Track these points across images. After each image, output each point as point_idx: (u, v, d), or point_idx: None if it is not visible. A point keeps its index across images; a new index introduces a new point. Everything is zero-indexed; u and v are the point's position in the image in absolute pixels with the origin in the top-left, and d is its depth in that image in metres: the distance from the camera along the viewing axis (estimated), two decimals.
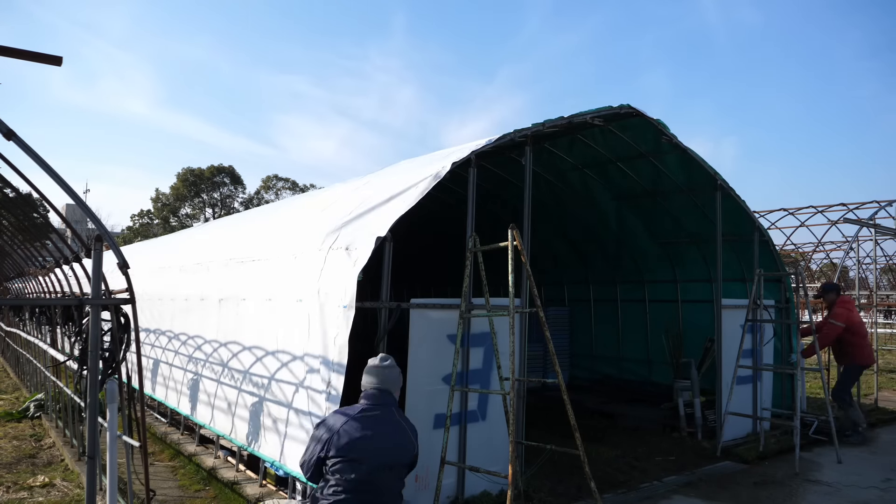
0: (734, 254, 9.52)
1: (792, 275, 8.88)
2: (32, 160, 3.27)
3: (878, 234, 11.15)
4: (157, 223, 52.25)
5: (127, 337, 4.35)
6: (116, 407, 4.11)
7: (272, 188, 54.72)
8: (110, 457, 3.97)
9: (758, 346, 8.46)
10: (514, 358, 5.07)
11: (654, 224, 10.14)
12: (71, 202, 3.57)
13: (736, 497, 6.20)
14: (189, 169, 52.64)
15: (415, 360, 5.44)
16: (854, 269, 20.79)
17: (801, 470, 7.01)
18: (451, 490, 5.63)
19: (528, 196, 6.29)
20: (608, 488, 6.31)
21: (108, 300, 3.97)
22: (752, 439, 8.21)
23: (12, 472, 6.63)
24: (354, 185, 8.07)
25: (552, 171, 9.18)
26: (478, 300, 5.72)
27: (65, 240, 6.88)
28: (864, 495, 6.27)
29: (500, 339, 5.75)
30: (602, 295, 12.09)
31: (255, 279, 7.04)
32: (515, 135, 6.05)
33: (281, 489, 5.88)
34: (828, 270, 25.49)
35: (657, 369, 11.24)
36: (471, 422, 5.76)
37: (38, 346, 8.66)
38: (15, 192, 4.86)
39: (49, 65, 3.33)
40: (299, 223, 7.92)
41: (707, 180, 8.33)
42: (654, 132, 7.49)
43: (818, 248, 18.04)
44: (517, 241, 5.22)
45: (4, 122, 3.23)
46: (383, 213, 5.40)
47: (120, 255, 3.88)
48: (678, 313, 10.76)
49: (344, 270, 5.16)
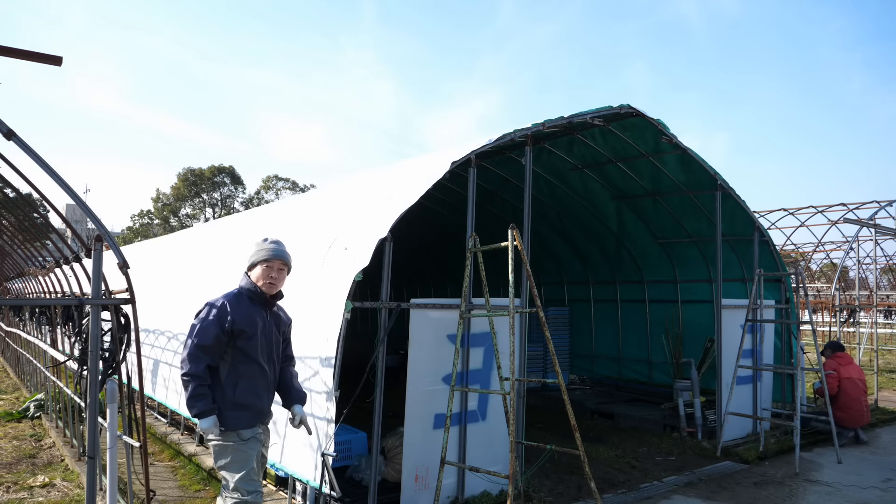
0: (734, 254, 9.53)
1: (792, 275, 8.88)
2: (32, 160, 3.27)
3: (878, 234, 11.15)
4: (158, 223, 52.27)
5: (127, 337, 4.35)
6: (116, 407, 4.11)
7: (272, 188, 54.75)
8: (110, 457, 3.97)
9: (758, 346, 8.46)
10: (514, 358, 5.07)
11: (654, 224, 10.14)
12: (71, 202, 3.57)
13: (736, 497, 6.20)
14: (189, 169, 52.69)
15: (415, 360, 5.44)
16: (854, 269, 20.80)
17: (801, 470, 7.01)
18: (452, 490, 5.63)
19: (528, 196, 6.29)
20: (608, 488, 6.31)
21: (109, 300, 3.97)
22: (752, 439, 8.21)
23: (12, 472, 6.63)
24: (354, 185, 8.07)
25: (552, 171, 9.18)
26: (478, 300, 5.72)
27: (65, 240, 6.89)
28: (864, 495, 6.27)
29: (500, 339, 5.75)
30: (602, 295, 12.09)
31: None
32: (515, 134, 6.05)
33: (281, 489, 5.88)
34: (828, 270, 25.51)
35: (657, 369, 11.25)
36: (471, 422, 5.76)
37: (38, 346, 8.66)
38: (15, 192, 4.86)
39: (49, 64, 3.33)
40: (299, 223, 7.92)
41: (707, 180, 8.33)
42: (654, 132, 7.50)
43: (818, 248, 18.03)
44: (517, 241, 5.22)
45: (4, 122, 3.23)
46: (383, 214, 5.40)
47: (120, 255, 3.88)
48: (678, 313, 10.76)
49: (343, 271, 5.16)
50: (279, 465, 5.40)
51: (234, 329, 3.77)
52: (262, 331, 3.90)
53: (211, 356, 3.75)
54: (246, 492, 3.70)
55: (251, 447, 3.81)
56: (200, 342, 3.72)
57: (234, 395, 3.79)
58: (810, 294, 22.64)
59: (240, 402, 3.79)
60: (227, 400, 3.77)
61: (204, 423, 3.69)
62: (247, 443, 3.79)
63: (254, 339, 3.84)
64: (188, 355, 3.72)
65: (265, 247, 3.98)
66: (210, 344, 3.72)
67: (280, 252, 3.98)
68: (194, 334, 3.75)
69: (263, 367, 3.91)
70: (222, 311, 3.79)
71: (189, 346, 3.74)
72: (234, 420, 3.76)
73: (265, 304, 3.97)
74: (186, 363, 3.72)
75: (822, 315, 21.86)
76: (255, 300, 3.93)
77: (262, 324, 3.91)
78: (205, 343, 3.72)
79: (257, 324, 3.88)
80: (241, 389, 3.81)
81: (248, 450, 3.78)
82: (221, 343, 3.77)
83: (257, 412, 3.89)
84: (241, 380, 3.82)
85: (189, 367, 3.70)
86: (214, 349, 3.75)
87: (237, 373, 3.82)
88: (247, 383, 3.84)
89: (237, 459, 3.75)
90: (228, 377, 3.81)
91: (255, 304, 3.93)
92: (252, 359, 3.85)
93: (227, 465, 3.76)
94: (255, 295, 3.92)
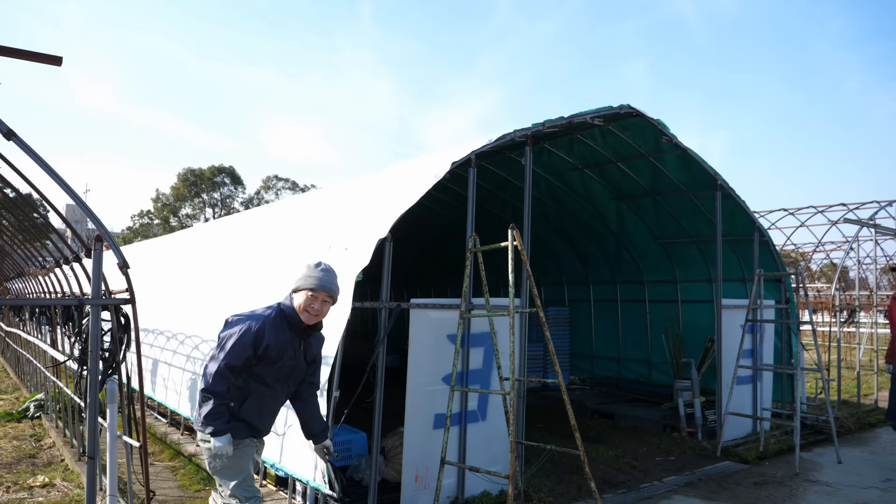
0: (734, 254, 9.53)
1: (792, 275, 8.88)
2: (32, 160, 3.27)
3: (878, 234, 11.15)
4: (158, 223, 52.27)
5: (127, 337, 4.35)
6: (116, 407, 4.10)
7: (272, 188, 54.77)
8: (110, 457, 3.96)
9: (758, 346, 8.46)
10: (514, 358, 5.07)
11: (654, 224, 10.14)
12: (71, 202, 3.57)
13: (736, 497, 6.20)
14: (189, 169, 52.70)
15: (415, 360, 5.44)
16: (854, 269, 20.79)
17: (801, 470, 7.01)
18: (452, 490, 5.63)
19: (528, 196, 6.29)
20: (608, 488, 6.31)
21: (108, 300, 3.97)
22: (752, 439, 8.21)
23: (12, 472, 6.63)
24: (354, 186, 8.07)
25: (552, 171, 9.18)
26: (478, 300, 5.72)
27: (65, 240, 6.89)
28: (864, 495, 6.27)
29: (500, 340, 5.75)
30: (602, 295, 12.09)
31: (254, 279, 7.04)
32: (515, 135, 6.05)
33: (281, 489, 5.88)
34: (828, 270, 25.50)
35: (657, 369, 11.25)
36: (471, 422, 5.76)
37: (38, 346, 8.66)
38: (15, 192, 4.86)
39: (49, 65, 3.33)
40: (299, 224, 7.92)
41: (707, 180, 8.33)
42: (654, 132, 7.50)
43: (818, 248, 18.02)
44: (517, 241, 5.22)
45: (4, 122, 3.23)
46: (383, 214, 5.40)
47: (120, 255, 3.88)
48: (678, 313, 10.76)
49: (344, 271, 5.16)
50: (279, 465, 5.40)
51: (263, 354, 3.65)
52: (289, 357, 3.77)
53: (236, 376, 3.64)
54: (244, 498, 3.65)
55: (245, 452, 3.73)
56: (231, 362, 3.58)
57: (239, 409, 3.69)
58: (810, 294, 22.64)
59: (242, 417, 3.71)
60: (230, 412, 3.68)
61: (219, 441, 3.56)
62: (239, 447, 3.70)
63: (277, 364, 3.72)
64: (217, 372, 3.58)
65: (314, 274, 3.75)
66: (240, 365, 3.60)
67: (328, 284, 3.74)
68: (226, 351, 3.60)
69: (276, 389, 3.81)
70: (259, 334, 3.62)
71: (219, 362, 3.59)
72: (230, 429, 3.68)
73: (301, 333, 3.81)
74: (212, 380, 3.58)
75: (822, 315, 21.85)
76: (293, 326, 3.76)
77: (292, 352, 3.78)
78: (235, 363, 3.59)
79: (287, 352, 3.74)
80: (247, 406, 3.72)
81: (241, 455, 3.71)
82: (250, 365, 3.65)
83: (255, 430, 3.81)
84: (250, 397, 3.73)
85: (214, 384, 3.57)
86: (242, 370, 3.64)
87: (248, 389, 3.72)
88: (254, 402, 3.74)
89: (231, 465, 3.67)
90: (238, 392, 3.70)
91: (292, 329, 3.76)
92: (267, 382, 3.75)
93: (221, 472, 3.69)
94: (293, 321, 3.74)
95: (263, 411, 3.80)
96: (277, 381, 3.79)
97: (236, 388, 3.69)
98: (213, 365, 3.62)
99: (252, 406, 3.74)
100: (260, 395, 3.76)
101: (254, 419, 3.76)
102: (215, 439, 3.57)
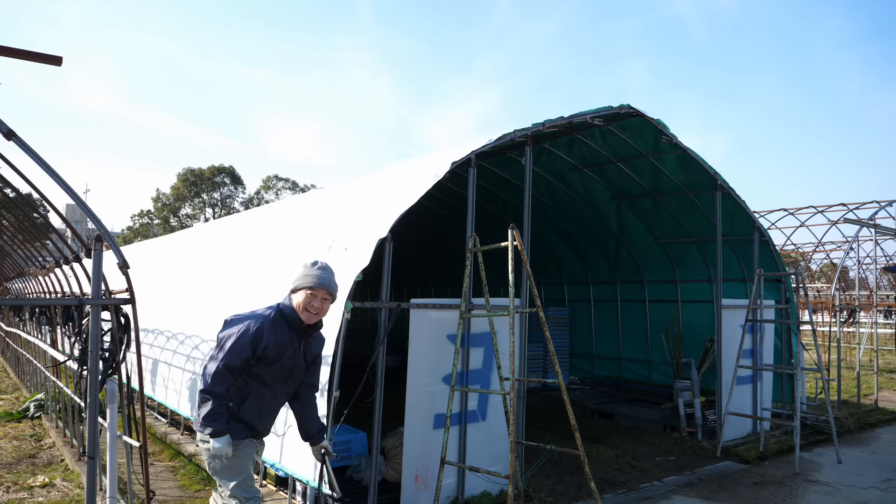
0: (734, 254, 9.53)
1: (792, 275, 8.88)
2: (32, 160, 3.27)
3: (878, 234, 11.15)
4: (158, 223, 52.27)
5: (127, 337, 4.35)
6: (116, 407, 4.10)
7: (272, 188, 54.75)
8: (110, 457, 3.96)
9: (758, 347, 8.46)
10: (514, 358, 5.07)
11: (654, 224, 10.14)
12: (71, 202, 3.57)
13: (736, 497, 6.20)
14: (189, 169, 52.68)
15: (415, 360, 5.44)
16: (854, 269, 20.80)
17: (801, 470, 7.01)
18: (452, 490, 5.63)
19: (528, 196, 6.29)
20: (608, 488, 6.32)
21: (108, 300, 3.97)
22: (752, 439, 8.21)
23: (12, 472, 6.63)
24: (354, 186, 8.07)
25: (552, 171, 9.18)
26: (478, 300, 5.72)
27: (65, 240, 6.88)
28: (864, 495, 6.28)
29: (500, 340, 5.75)
30: (602, 295, 12.09)
31: (254, 279, 7.04)
32: (515, 134, 6.05)
33: (281, 489, 5.88)
34: (828, 270, 25.50)
35: (657, 369, 11.25)
36: (471, 422, 5.76)
37: (38, 346, 8.66)
38: (15, 192, 4.86)
39: (50, 65, 3.33)
40: (299, 224, 7.92)
41: (707, 180, 8.33)
42: (654, 132, 7.50)
43: (818, 248, 18.02)
44: (517, 241, 5.23)
45: (4, 122, 3.23)
46: (383, 214, 5.40)
47: (120, 255, 3.88)
48: (678, 313, 10.77)
49: (343, 271, 5.16)
50: (279, 465, 5.40)
51: (262, 354, 3.64)
52: (288, 357, 3.75)
53: (235, 376, 3.63)
54: (244, 498, 3.64)
55: (245, 453, 3.72)
56: (230, 363, 3.57)
57: (238, 410, 3.69)
58: (810, 294, 22.64)
59: (241, 417, 3.70)
60: (230, 412, 3.67)
61: (218, 442, 3.55)
62: (239, 448, 3.69)
63: (276, 365, 3.71)
64: (215, 373, 3.57)
65: (311, 273, 3.74)
66: (239, 366, 3.60)
67: (326, 282, 3.73)
68: (225, 352, 3.59)
69: (275, 390, 3.80)
70: (258, 335, 3.61)
71: (218, 362, 3.58)
72: (229, 430, 3.67)
73: (301, 333, 3.80)
74: (211, 380, 3.57)
75: (822, 315, 21.85)
76: (292, 326, 3.74)
77: (291, 352, 3.77)
78: (234, 364, 3.58)
79: (286, 352, 3.73)
80: (246, 407, 3.71)
81: (241, 455, 3.69)
82: (248, 365, 3.65)
83: (255, 430, 3.80)
84: (250, 398, 3.72)
85: (213, 385, 3.56)
86: (240, 370, 3.63)
87: (248, 389, 3.71)
88: (253, 403, 3.73)
89: (230, 466, 3.66)
90: (238, 392, 3.70)
91: (292, 329, 3.75)
92: (266, 382, 3.74)
93: (221, 472, 3.68)
94: (293, 321, 3.73)
95: (263, 412, 3.80)
96: (277, 381, 3.78)
97: (236, 388, 3.68)
98: (212, 365, 3.62)
99: (251, 406, 3.73)
100: (259, 396, 3.75)
101: (253, 420, 3.75)
102: (214, 440, 3.57)
